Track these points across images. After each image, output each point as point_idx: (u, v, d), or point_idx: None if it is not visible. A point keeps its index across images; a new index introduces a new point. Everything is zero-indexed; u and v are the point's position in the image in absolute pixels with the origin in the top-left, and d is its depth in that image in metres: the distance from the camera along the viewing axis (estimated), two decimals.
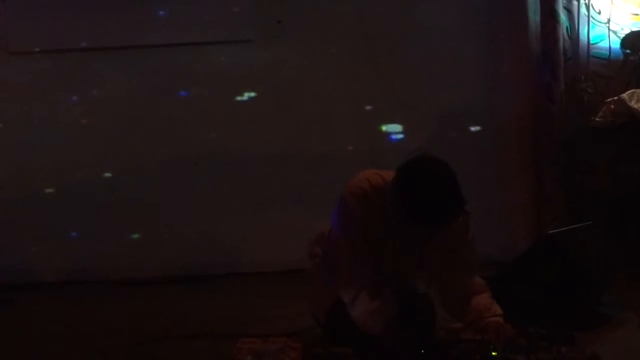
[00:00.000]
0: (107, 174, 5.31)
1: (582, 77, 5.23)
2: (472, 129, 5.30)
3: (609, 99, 5.03)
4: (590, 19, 5.23)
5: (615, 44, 5.24)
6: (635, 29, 5.23)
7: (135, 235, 5.33)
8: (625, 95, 4.95)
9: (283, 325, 4.06)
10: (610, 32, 5.26)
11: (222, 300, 4.70)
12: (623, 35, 5.23)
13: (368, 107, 5.30)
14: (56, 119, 5.27)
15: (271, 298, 4.63)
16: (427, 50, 5.24)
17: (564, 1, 5.15)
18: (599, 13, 5.26)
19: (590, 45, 5.24)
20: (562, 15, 5.13)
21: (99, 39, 5.21)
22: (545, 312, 3.68)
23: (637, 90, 4.99)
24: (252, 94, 5.32)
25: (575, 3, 5.19)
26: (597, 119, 5.01)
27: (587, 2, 5.21)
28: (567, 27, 5.19)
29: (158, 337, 3.99)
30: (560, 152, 5.14)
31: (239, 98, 5.31)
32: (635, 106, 4.89)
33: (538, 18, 5.15)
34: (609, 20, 5.25)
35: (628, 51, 5.20)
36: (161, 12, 5.24)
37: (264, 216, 5.26)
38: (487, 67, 5.30)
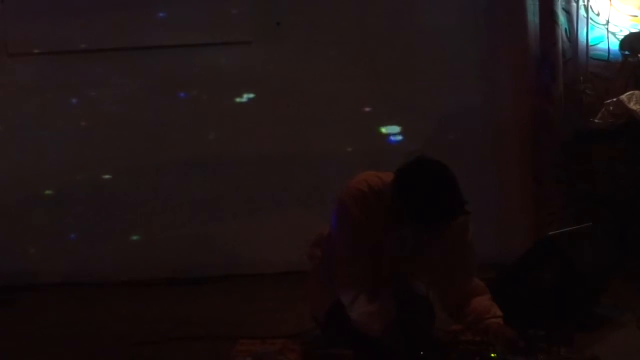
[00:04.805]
0: (106, 176, 5.32)
1: (581, 78, 5.22)
2: (471, 130, 5.30)
3: (608, 101, 5.02)
4: (589, 20, 5.23)
5: (614, 45, 5.24)
6: (634, 30, 5.23)
7: (134, 237, 5.33)
8: (624, 97, 4.95)
9: (282, 326, 4.06)
10: (609, 34, 5.25)
11: (221, 301, 4.70)
12: (622, 37, 5.23)
13: (367, 109, 5.30)
14: (55, 120, 5.27)
15: (270, 299, 4.63)
16: (426, 51, 5.25)
17: (563, 3, 5.14)
18: (598, 15, 5.26)
19: (589, 47, 5.24)
20: (561, 17, 5.13)
21: (97, 41, 5.21)
22: (544, 313, 3.68)
23: (636, 91, 4.99)
24: (251, 96, 5.32)
25: (574, 4, 5.19)
26: (596, 120, 5.01)
27: (586, 3, 5.21)
28: (565, 29, 5.19)
29: (157, 338, 3.99)
30: (559, 154, 5.14)
31: (237, 99, 5.32)
32: (634, 107, 4.89)
33: (537, 19, 5.15)
34: (607, 21, 5.25)
35: (627, 53, 5.20)
36: (160, 14, 5.24)
37: (263, 218, 5.26)
38: (485, 69, 5.30)
